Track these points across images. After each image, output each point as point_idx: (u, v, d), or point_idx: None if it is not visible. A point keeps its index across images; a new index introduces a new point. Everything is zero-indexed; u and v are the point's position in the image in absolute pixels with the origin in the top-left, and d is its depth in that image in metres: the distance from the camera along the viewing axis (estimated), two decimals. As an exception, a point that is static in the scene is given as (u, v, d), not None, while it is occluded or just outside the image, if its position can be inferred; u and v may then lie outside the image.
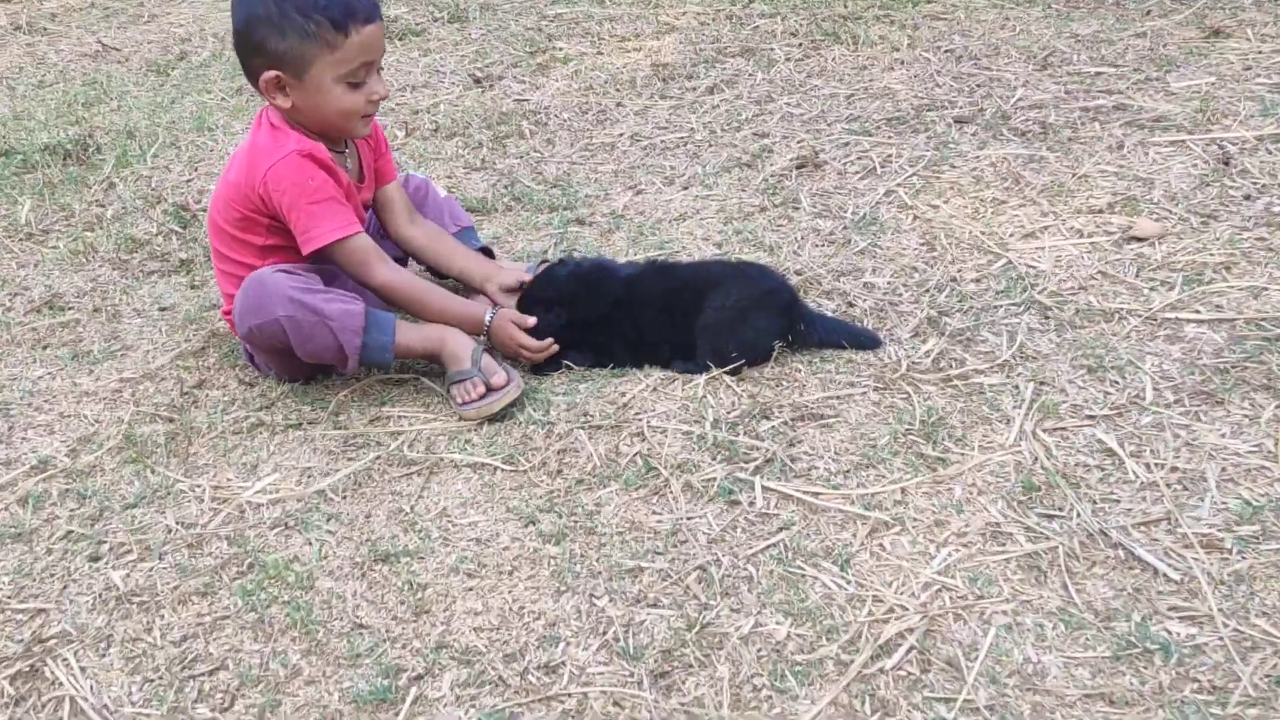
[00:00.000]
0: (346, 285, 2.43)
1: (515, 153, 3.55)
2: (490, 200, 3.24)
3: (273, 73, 2.26)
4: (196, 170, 3.62)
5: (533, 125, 3.72)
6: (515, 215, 3.17)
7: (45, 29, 5.50)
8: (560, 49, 4.38)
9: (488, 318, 2.41)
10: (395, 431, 2.30)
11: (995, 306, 2.48)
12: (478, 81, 4.11)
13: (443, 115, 3.87)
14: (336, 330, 2.26)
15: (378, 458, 2.22)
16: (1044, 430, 2.10)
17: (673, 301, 2.38)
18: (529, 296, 2.48)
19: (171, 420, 2.41)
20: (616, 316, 2.40)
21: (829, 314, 2.49)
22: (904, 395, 2.23)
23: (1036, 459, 2.03)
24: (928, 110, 3.49)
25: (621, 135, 3.58)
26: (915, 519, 1.93)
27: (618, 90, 3.94)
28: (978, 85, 3.63)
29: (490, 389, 2.30)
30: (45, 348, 2.74)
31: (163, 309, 2.87)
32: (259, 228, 2.38)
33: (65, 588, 1.97)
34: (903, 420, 2.15)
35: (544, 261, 2.69)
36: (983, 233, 2.79)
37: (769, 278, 2.39)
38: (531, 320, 2.41)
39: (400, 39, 4.71)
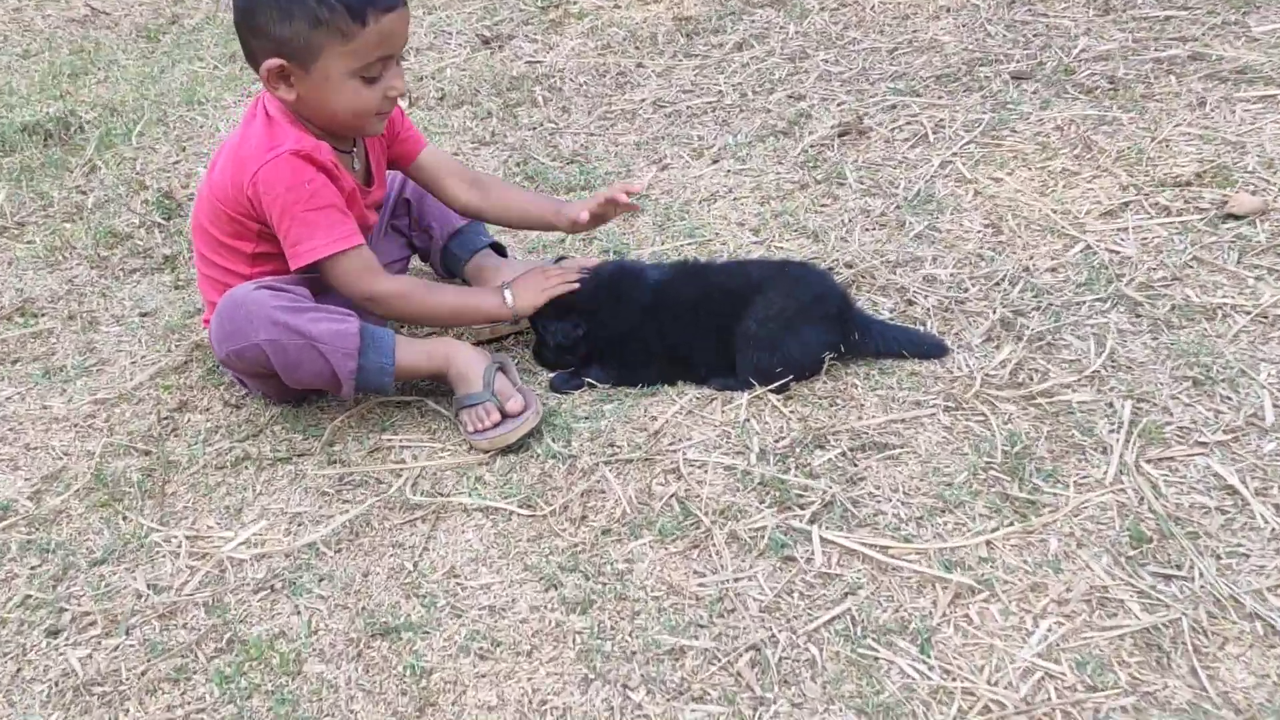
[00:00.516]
0: (339, 299, 2.11)
1: (528, 123, 3.20)
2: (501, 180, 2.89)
3: (276, 61, 1.91)
4: (184, 150, 3.29)
5: (546, 91, 3.36)
6: (529, 197, 2.82)
7: (33, -8, 5.13)
8: (575, 2, 4.00)
9: (508, 294, 2.11)
10: (396, 467, 1.99)
11: (1077, 303, 2.14)
12: (486, 42, 3.74)
13: (449, 81, 3.51)
14: (327, 354, 1.94)
15: (377, 501, 1.91)
16: (1148, 462, 1.77)
17: (708, 309, 2.05)
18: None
19: (148, 453, 2.10)
20: (645, 327, 2.07)
21: (886, 317, 2.15)
22: (980, 417, 1.90)
23: (1143, 499, 1.70)
24: (980, 65, 3.11)
25: (643, 101, 3.22)
26: (1006, 581, 1.60)
27: (637, 49, 3.57)
28: (1034, 34, 3.24)
29: (505, 415, 1.99)
30: (15, 362, 2.44)
31: (143, 314, 2.56)
32: (248, 234, 2.05)
33: (19, 671, 1.68)
34: (981, 450, 1.82)
35: (561, 258, 2.35)
36: (1054, 211, 2.43)
37: (817, 280, 2.05)
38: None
39: (403, -5, 4.32)
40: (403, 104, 3.38)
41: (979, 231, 2.41)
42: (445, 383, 2.09)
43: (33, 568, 1.86)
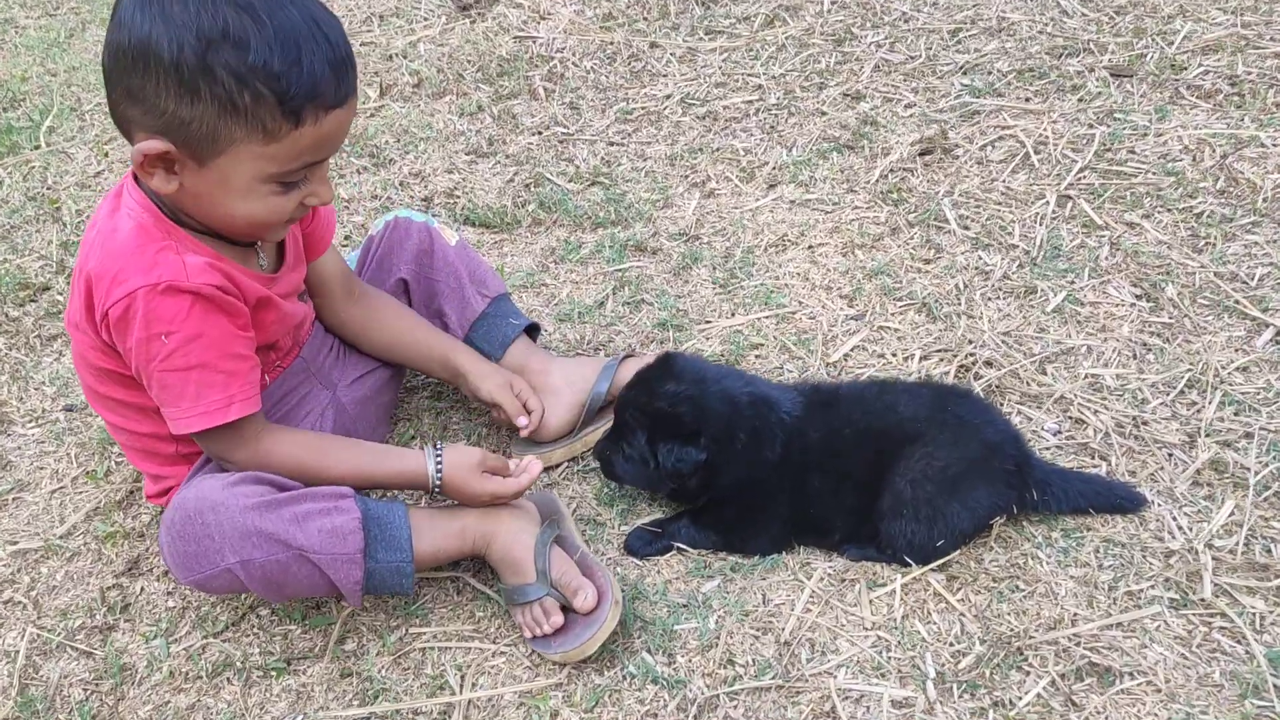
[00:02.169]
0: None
1: (530, 124, 2.54)
2: (509, 211, 2.26)
3: (157, 144, 1.24)
4: (107, 157, 2.58)
5: (546, 79, 2.70)
6: (548, 236, 2.20)
7: (-91, -77, 4.21)
8: (560, -45, 3.28)
9: (433, 470, 1.46)
10: (434, 686, 1.41)
11: (1294, 427, 1.61)
12: (465, 9, 3.03)
13: (424, 61, 2.82)
14: (323, 564, 1.34)
15: (418, 758, 1.33)
16: None
17: (845, 455, 1.49)
18: (649, 413, 1.52)
19: (91, 654, 1.50)
20: (773, 477, 1.51)
21: (1050, 445, 1.61)
22: (1223, 621, 1.38)
23: None
24: (1067, 55, 2.52)
25: (669, 97, 2.58)
26: None
27: (646, 19, 2.90)
28: (1118, 12, 2.65)
29: (574, 612, 1.41)
30: (-96, 484, 1.80)
31: (69, 410, 1.91)
32: (140, 382, 1.42)
33: None
34: (1241, 681, 1.31)
35: (628, 355, 1.75)
36: (1219, 275, 1.89)
37: (986, 422, 1.49)
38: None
39: (354, -60, 3.55)
40: (372, 94, 2.70)
41: (1132, 304, 1.86)
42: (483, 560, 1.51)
43: None
